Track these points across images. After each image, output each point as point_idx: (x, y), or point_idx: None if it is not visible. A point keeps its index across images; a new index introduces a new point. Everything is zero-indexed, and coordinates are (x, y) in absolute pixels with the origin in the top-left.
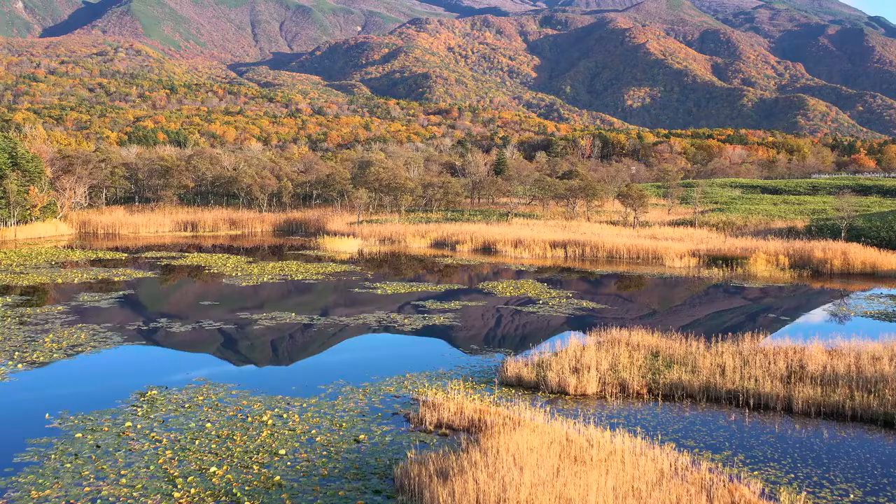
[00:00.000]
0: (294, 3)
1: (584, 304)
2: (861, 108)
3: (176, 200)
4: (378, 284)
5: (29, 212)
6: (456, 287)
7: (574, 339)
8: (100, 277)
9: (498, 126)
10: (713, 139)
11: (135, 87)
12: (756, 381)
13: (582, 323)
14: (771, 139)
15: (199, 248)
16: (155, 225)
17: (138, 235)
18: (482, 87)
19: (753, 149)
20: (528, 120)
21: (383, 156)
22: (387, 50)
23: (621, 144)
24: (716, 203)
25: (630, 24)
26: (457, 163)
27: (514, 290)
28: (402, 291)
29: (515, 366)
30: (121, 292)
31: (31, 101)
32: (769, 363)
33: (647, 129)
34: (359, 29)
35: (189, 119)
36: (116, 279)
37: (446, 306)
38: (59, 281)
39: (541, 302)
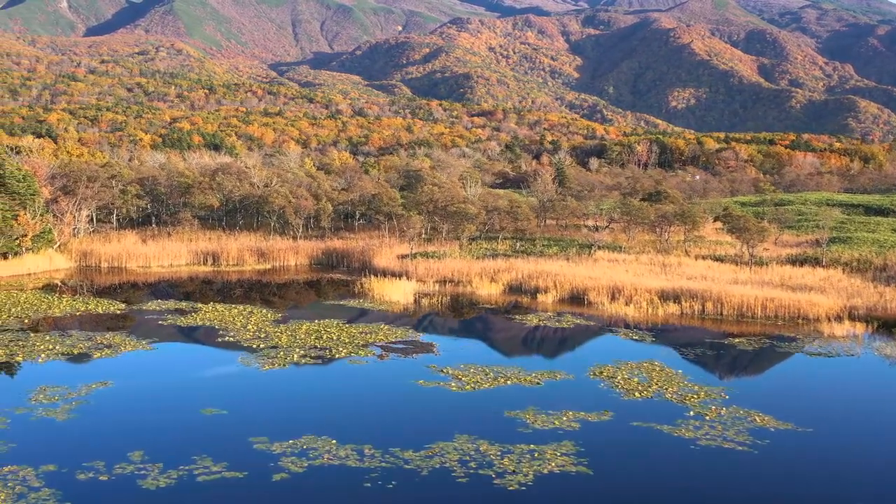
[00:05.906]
0: (335, 2)
1: (759, 421)
2: None
3: (197, 224)
4: (450, 369)
5: (17, 242)
6: (559, 377)
7: None
8: (75, 352)
9: (545, 129)
10: (776, 145)
11: (173, 87)
12: None
13: (784, 476)
14: (839, 145)
15: (219, 290)
16: (170, 256)
17: (149, 270)
18: (524, 87)
19: (825, 156)
20: (574, 123)
21: (429, 163)
22: (427, 50)
23: (680, 150)
24: (822, 228)
25: (674, 24)
26: (510, 171)
27: (642, 386)
28: (487, 386)
29: None
30: (93, 385)
31: (68, 100)
32: None
33: (706, 134)
34: (399, 28)
35: (226, 120)
36: (96, 354)
37: (557, 423)
38: (19, 359)
39: (691, 414)
